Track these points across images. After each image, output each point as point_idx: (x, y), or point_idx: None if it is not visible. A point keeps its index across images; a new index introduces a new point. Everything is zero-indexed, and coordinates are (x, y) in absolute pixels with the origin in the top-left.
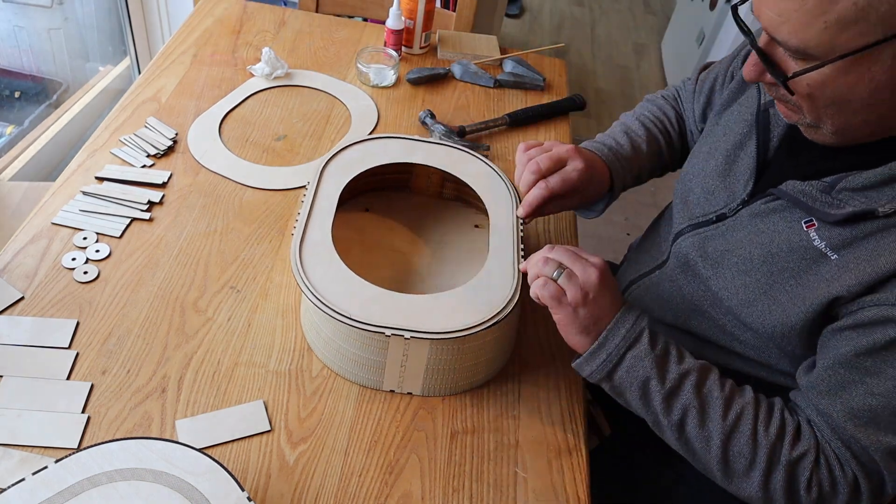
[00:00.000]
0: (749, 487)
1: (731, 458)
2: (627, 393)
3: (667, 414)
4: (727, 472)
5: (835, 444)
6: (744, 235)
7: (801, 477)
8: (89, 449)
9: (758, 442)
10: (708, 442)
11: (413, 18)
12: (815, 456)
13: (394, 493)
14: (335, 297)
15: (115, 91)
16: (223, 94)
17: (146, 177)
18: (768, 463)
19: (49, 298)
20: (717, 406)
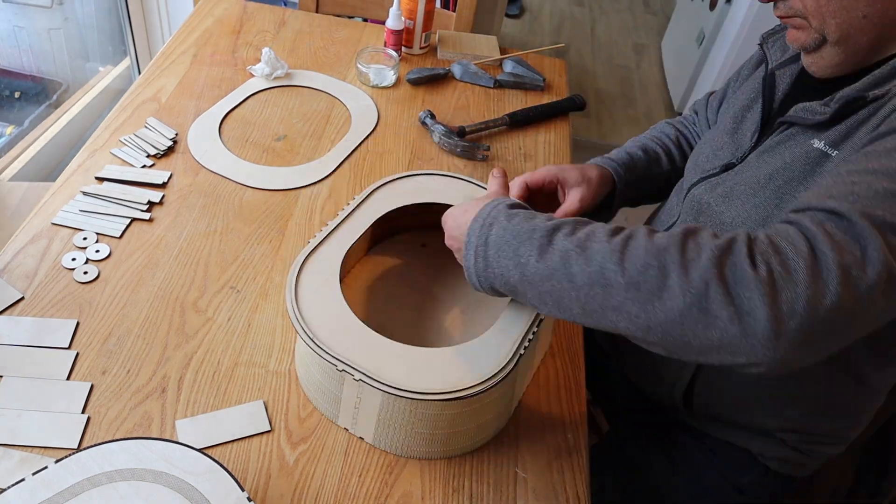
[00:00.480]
0: (673, 300)
1: (634, 276)
2: (512, 279)
3: (549, 274)
4: (640, 299)
5: (788, 224)
6: (752, 170)
7: (735, 258)
8: (89, 449)
9: (658, 244)
10: (603, 274)
11: (413, 19)
12: (747, 237)
13: (394, 493)
14: (313, 314)
15: (115, 91)
16: (223, 94)
17: (146, 177)
18: (681, 257)
19: (49, 298)
20: (599, 237)
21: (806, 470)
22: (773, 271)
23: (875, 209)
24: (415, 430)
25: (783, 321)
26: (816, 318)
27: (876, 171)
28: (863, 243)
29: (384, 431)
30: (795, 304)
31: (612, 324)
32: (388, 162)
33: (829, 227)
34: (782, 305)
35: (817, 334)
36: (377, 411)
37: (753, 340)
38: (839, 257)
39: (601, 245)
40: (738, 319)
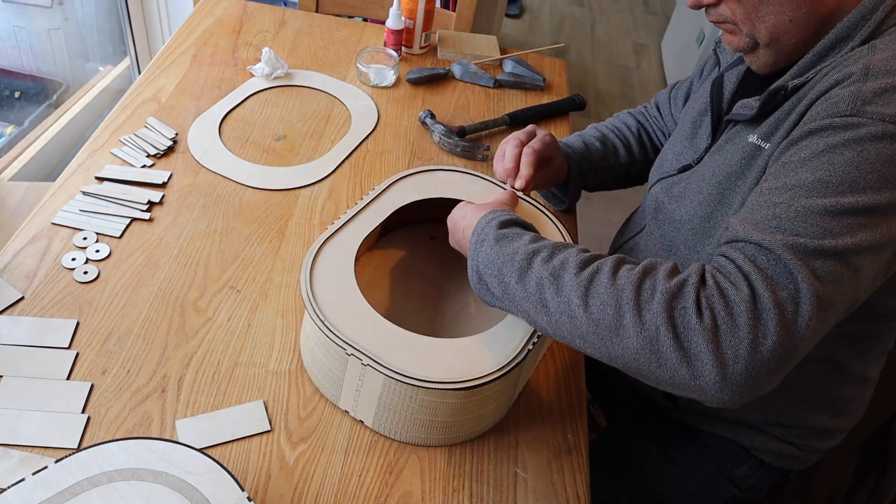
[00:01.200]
0: (628, 339)
1: (595, 313)
2: (497, 294)
3: (526, 297)
4: (600, 334)
5: (726, 260)
6: (703, 169)
7: (684, 303)
8: (89, 449)
9: (619, 284)
10: (569, 306)
11: (413, 18)
12: (698, 278)
13: (394, 493)
14: (325, 297)
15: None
16: (223, 94)
17: (146, 177)
18: (636, 299)
19: (49, 298)
20: (570, 268)
21: (802, 464)
22: (716, 317)
23: (797, 236)
24: (414, 417)
25: (728, 365)
26: (760, 358)
27: (793, 186)
28: (792, 276)
29: (384, 416)
30: (739, 349)
31: (581, 349)
32: (388, 162)
33: (760, 262)
34: (727, 351)
35: (763, 372)
36: (378, 396)
37: (702, 382)
38: (774, 296)
39: (570, 278)
40: (686, 363)
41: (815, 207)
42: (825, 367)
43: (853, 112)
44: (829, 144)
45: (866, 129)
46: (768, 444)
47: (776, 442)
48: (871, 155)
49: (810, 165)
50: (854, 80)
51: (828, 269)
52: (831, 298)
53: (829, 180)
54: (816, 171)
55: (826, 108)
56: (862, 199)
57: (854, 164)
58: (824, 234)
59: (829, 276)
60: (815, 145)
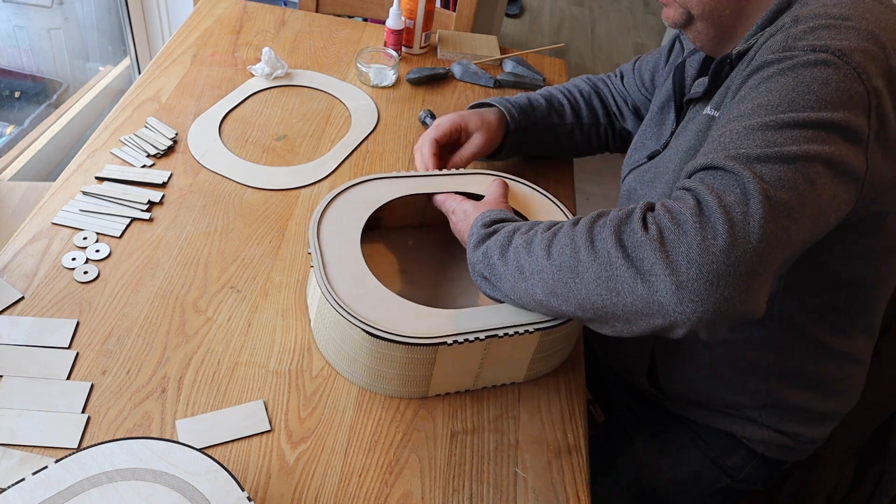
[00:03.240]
0: (586, 273)
1: (556, 258)
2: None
3: (506, 270)
4: (564, 279)
5: (676, 191)
6: (670, 152)
7: (631, 225)
8: (89, 449)
9: (576, 229)
10: (538, 262)
11: (413, 18)
12: (646, 205)
13: (394, 493)
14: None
15: (115, 91)
16: (223, 94)
17: (146, 177)
18: (588, 234)
19: (49, 298)
20: (539, 230)
21: (797, 455)
22: (662, 229)
23: (739, 148)
24: (347, 353)
25: (681, 271)
26: (713, 260)
27: (735, 117)
28: (739, 181)
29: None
30: (689, 253)
31: (557, 310)
32: (389, 161)
33: (707, 179)
34: (677, 257)
35: (720, 276)
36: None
37: (660, 297)
38: (719, 200)
39: (539, 237)
40: (640, 278)
41: (755, 125)
42: (803, 343)
43: (785, 49)
44: (765, 76)
45: (799, 59)
46: (759, 433)
47: (767, 430)
48: (807, 78)
49: (749, 97)
50: (785, 27)
51: (776, 173)
52: (786, 202)
53: (767, 104)
54: (755, 99)
55: (761, 53)
56: (802, 115)
57: (790, 87)
58: (767, 144)
59: (778, 180)
60: (752, 82)
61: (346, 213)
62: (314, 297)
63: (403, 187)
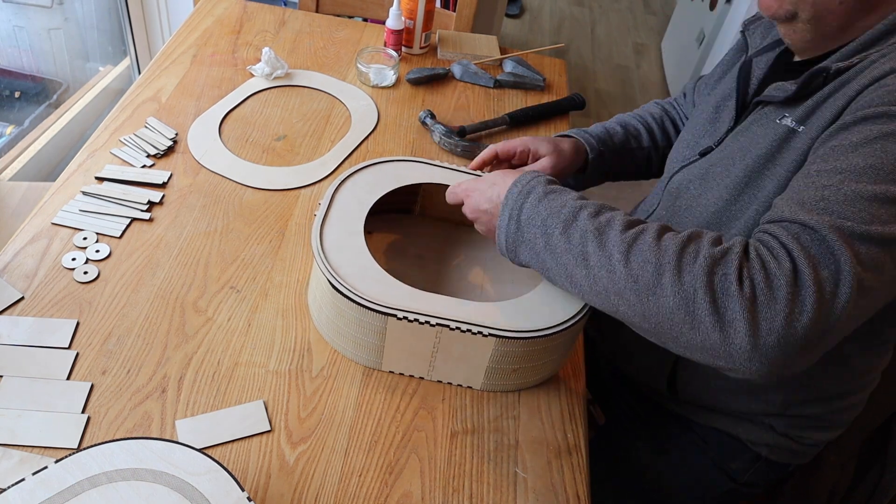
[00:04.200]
0: (664, 298)
1: (635, 269)
2: (537, 246)
3: (569, 248)
4: (638, 290)
5: (770, 236)
6: (728, 151)
7: (725, 270)
8: (89, 449)
9: (662, 245)
10: (610, 261)
11: (413, 18)
12: (741, 249)
13: (394, 493)
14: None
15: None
16: (223, 94)
17: (146, 177)
18: (678, 260)
19: (49, 298)
20: (615, 226)
21: (801, 458)
22: (755, 288)
23: (844, 219)
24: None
25: (761, 336)
26: (794, 334)
27: (843, 170)
28: (835, 258)
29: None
30: (774, 321)
31: (614, 307)
32: None
33: (804, 241)
34: (762, 322)
35: (794, 348)
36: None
37: (733, 349)
38: (815, 273)
39: (615, 234)
40: (720, 327)
41: (865, 193)
42: (829, 361)
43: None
44: (884, 132)
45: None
46: (764, 437)
47: (772, 434)
48: None
49: (862, 151)
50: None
51: (871, 255)
52: (871, 285)
53: (881, 167)
54: (869, 157)
55: (881, 95)
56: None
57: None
58: (872, 220)
59: (872, 262)
60: (868, 131)
61: (366, 186)
62: None
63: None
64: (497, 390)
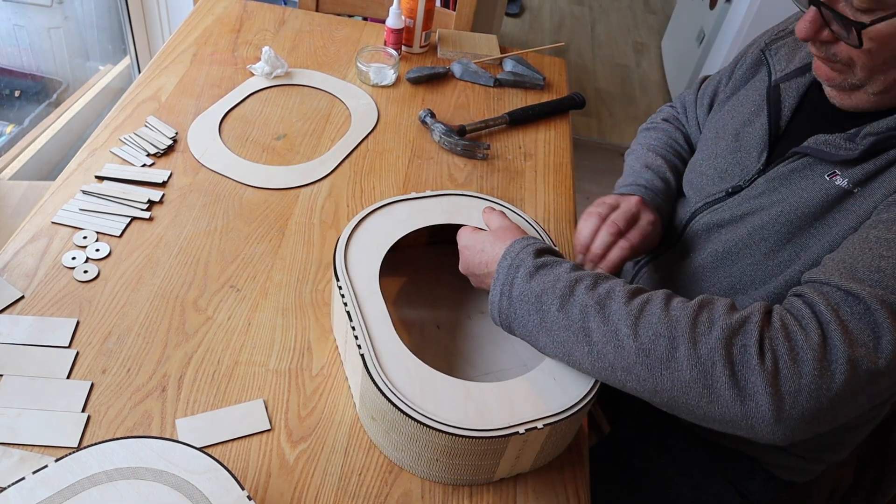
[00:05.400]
0: (679, 372)
1: (646, 343)
2: (531, 323)
3: (567, 325)
4: (650, 365)
5: (803, 304)
6: (764, 198)
7: (745, 341)
8: (89, 448)
9: (672, 315)
10: (617, 335)
11: (413, 17)
12: (762, 316)
13: (394, 493)
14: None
15: (115, 90)
16: (223, 93)
17: (146, 176)
18: (691, 331)
19: (49, 297)
20: (618, 298)
21: (808, 475)
22: (778, 360)
23: (892, 290)
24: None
25: (785, 409)
26: (819, 408)
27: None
28: (877, 332)
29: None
30: (798, 395)
31: (621, 382)
32: (388, 161)
33: (843, 313)
34: (785, 396)
35: (819, 420)
36: (359, 379)
37: (754, 422)
38: (850, 351)
39: (619, 307)
40: (740, 401)
41: None
42: None
43: None
44: None
45: None
46: (780, 459)
47: (787, 456)
48: None
49: None
50: None
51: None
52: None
53: None
54: None
55: None
56: None
57: None
58: None
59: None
60: None
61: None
62: (357, 379)
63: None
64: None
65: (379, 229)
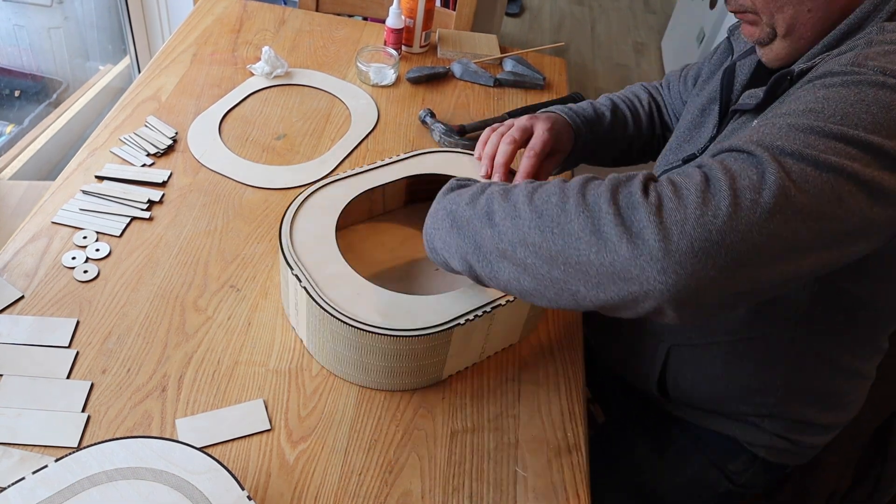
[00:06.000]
0: (569, 224)
1: (539, 205)
2: (444, 230)
3: (473, 214)
4: (542, 226)
5: (687, 166)
6: None
7: (630, 188)
8: (89, 448)
9: (566, 184)
10: (515, 207)
11: (413, 17)
12: (647, 174)
13: (393, 493)
14: (301, 227)
15: (115, 90)
16: (223, 92)
17: (146, 176)
18: (581, 188)
19: (49, 297)
20: (523, 185)
21: (799, 459)
22: (662, 196)
23: (775, 140)
24: (335, 349)
25: (671, 240)
26: (709, 238)
27: (782, 113)
28: (760, 168)
29: (313, 339)
30: (685, 225)
31: (521, 262)
32: None
33: (727, 160)
34: (671, 226)
35: (712, 256)
36: (306, 317)
37: (643, 261)
38: (731, 181)
39: (521, 188)
40: (627, 239)
41: (801, 126)
42: (818, 361)
43: (854, 64)
44: (826, 84)
45: (866, 77)
46: (760, 438)
47: (769, 436)
48: (869, 97)
49: (803, 99)
50: (859, 48)
51: (803, 174)
52: (803, 205)
53: (820, 110)
54: (808, 103)
55: (827, 65)
56: (853, 132)
57: (849, 102)
58: (806, 145)
59: (804, 181)
60: (810, 87)
61: (312, 224)
62: (303, 313)
63: (360, 184)
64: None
65: (337, 195)
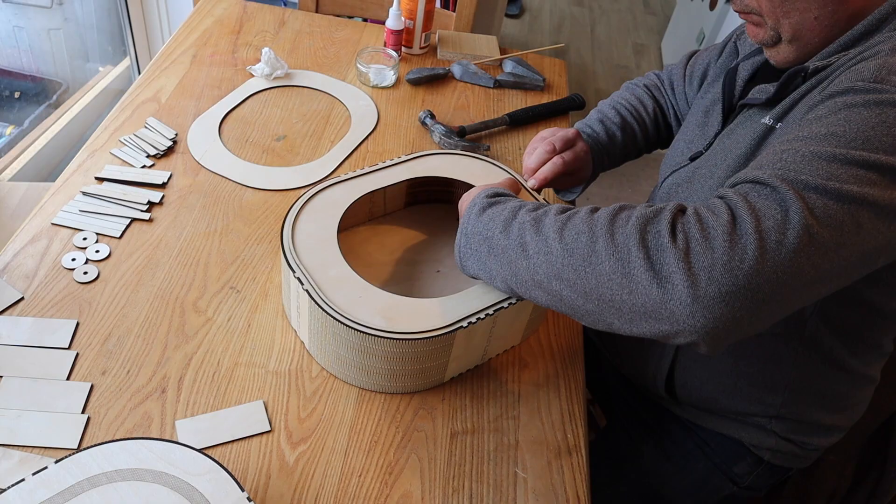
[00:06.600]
0: (600, 265)
1: (569, 242)
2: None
3: (508, 244)
4: (574, 265)
5: (716, 198)
6: (716, 155)
7: (658, 227)
8: (89, 449)
9: (595, 217)
10: (546, 243)
11: (413, 19)
12: (676, 207)
13: (393, 494)
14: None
15: (115, 91)
16: (223, 94)
17: (146, 177)
18: (610, 225)
19: (49, 299)
20: (550, 213)
21: (802, 462)
22: (689, 239)
23: (798, 173)
24: (336, 352)
25: (700, 286)
26: (736, 283)
27: (804, 137)
28: (784, 206)
29: (314, 341)
30: (713, 270)
31: (558, 294)
32: None
33: (751, 196)
34: (699, 272)
35: (737, 298)
36: (308, 319)
37: (673, 306)
38: (757, 223)
39: (550, 220)
40: (657, 283)
41: (824, 154)
42: (823, 364)
43: (877, 79)
44: (848, 103)
45: (889, 96)
46: (767, 441)
47: (775, 438)
48: (890, 118)
49: (825, 121)
50: (883, 54)
51: (826, 209)
52: (825, 240)
53: (842, 134)
54: (831, 125)
55: (850, 75)
56: (874, 156)
57: (871, 125)
58: (829, 177)
59: (827, 216)
60: (833, 105)
61: (314, 226)
62: (305, 315)
63: (362, 187)
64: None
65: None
